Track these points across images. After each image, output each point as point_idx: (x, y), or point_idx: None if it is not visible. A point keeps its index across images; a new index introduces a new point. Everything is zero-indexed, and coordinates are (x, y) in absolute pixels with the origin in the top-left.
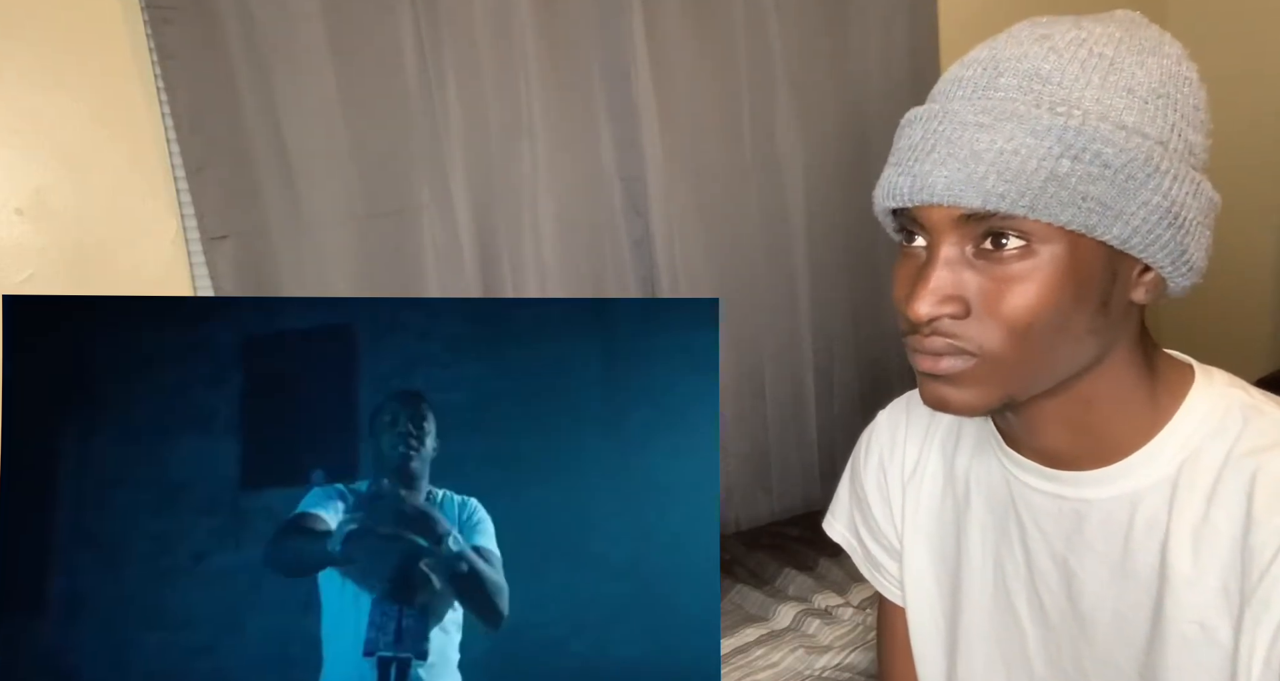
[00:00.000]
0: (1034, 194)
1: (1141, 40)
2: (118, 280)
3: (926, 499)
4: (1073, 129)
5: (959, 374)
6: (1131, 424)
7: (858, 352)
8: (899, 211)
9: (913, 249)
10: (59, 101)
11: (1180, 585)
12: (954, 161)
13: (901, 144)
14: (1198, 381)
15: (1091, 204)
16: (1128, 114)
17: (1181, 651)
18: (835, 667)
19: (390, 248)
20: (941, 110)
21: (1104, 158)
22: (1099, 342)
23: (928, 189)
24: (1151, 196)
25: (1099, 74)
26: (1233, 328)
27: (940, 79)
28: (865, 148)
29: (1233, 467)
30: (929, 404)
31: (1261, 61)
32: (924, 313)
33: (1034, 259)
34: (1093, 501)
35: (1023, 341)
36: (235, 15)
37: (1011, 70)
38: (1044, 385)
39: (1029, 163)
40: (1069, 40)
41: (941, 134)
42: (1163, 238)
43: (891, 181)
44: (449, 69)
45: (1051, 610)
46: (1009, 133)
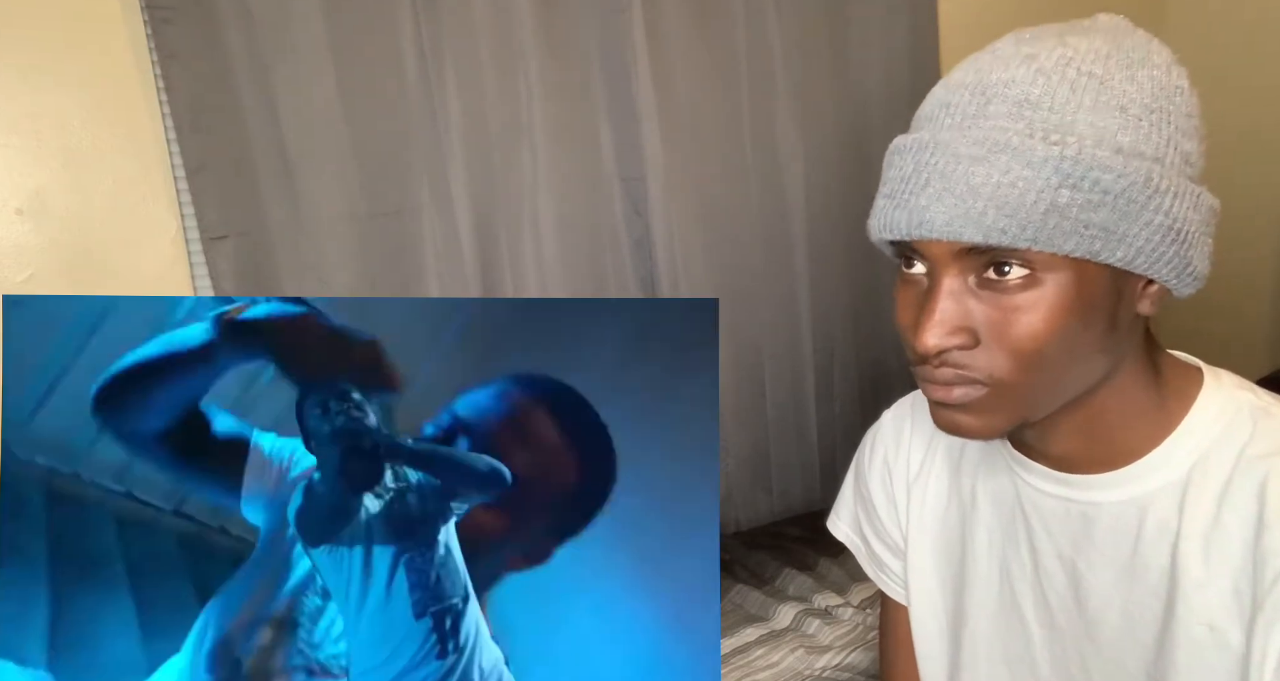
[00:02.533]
0: (1035, 226)
1: (1129, 52)
2: (118, 280)
3: (932, 498)
4: (1069, 159)
5: (971, 402)
6: (1141, 429)
7: (858, 352)
8: (897, 240)
9: (913, 275)
10: (59, 101)
11: (1190, 588)
12: (950, 197)
13: (892, 174)
14: (1206, 384)
15: (1094, 231)
16: (1122, 135)
17: (1191, 654)
18: (835, 667)
19: (390, 248)
20: (932, 140)
21: (1103, 185)
22: (1108, 360)
23: (926, 224)
24: (1154, 217)
25: (1090, 95)
26: (1233, 328)
27: (925, 102)
28: (865, 148)
29: (1243, 471)
30: (943, 429)
31: (1261, 61)
32: (932, 345)
33: (1039, 288)
34: (1101, 504)
35: (1033, 369)
36: (235, 15)
37: (1000, 96)
38: (1055, 405)
39: (1027, 195)
40: (1055, 60)
41: (935, 167)
42: (1167, 254)
43: (887, 214)
44: (449, 69)
45: (1058, 612)
46: (1004, 165)
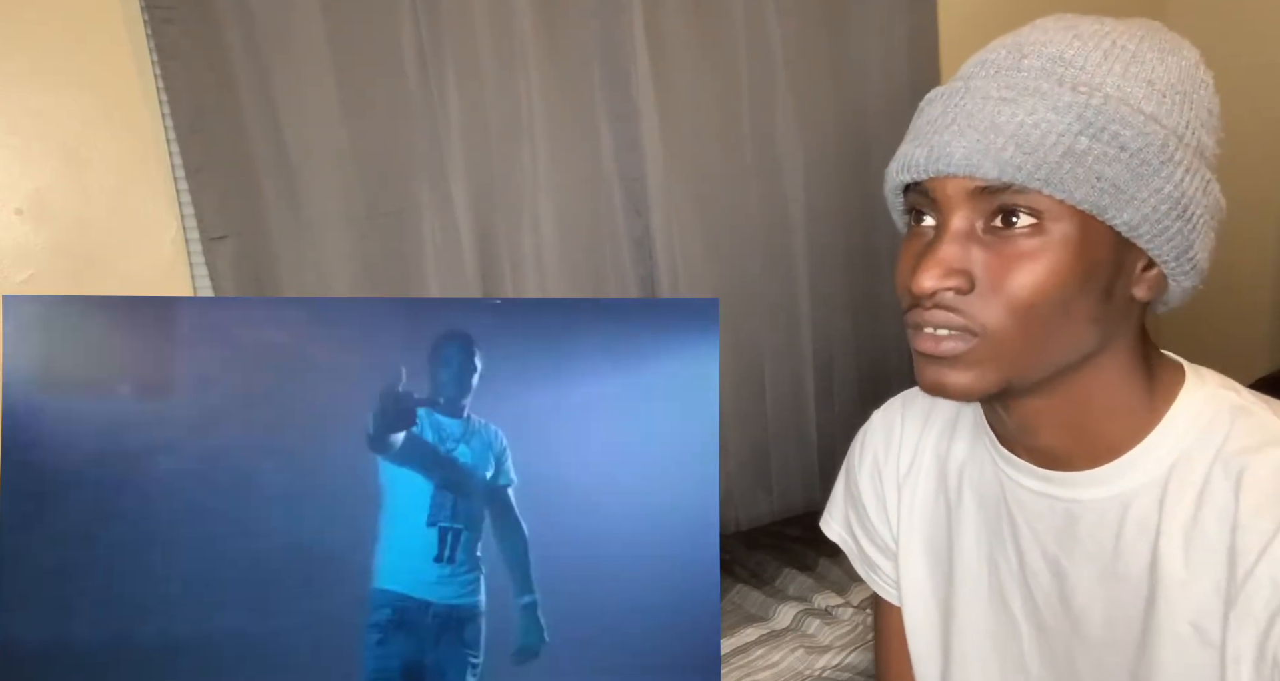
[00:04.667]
0: (1050, 168)
1: (1163, 41)
2: (118, 280)
3: (921, 499)
4: (1093, 108)
5: (960, 355)
6: (1125, 424)
7: (858, 352)
8: (910, 188)
9: (921, 228)
10: (59, 101)
11: (1172, 586)
12: (973, 132)
13: (920, 121)
14: (1188, 382)
15: (1105, 185)
16: (1146, 103)
17: (1174, 652)
18: (835, 667)
19: (390, 248)
20: (964, 87)
21: (1121, 140)
22: (1098, 333)
23: (945, 158)
24: (1163, 185)
25: (1120, 64)
26: (1233, 328)
27: (964, 64)
28: (865, 148)
29: (1221, 469)
30: (926, 388)
31: (1260, 61)
32: (928, 285)
33: (1044, 236)
34: (1085, 502)
35: (1025, 320)
36: (235, 15)
37: (1036, 53)
38: (1041, 372)
39: (1048, 137)
40: (1093, 31)
41: (962, 108)
42: (1170, 229)
43: (908, 154)
44: (449, 69)
45: (1045, 610)
46: (1030, 107)
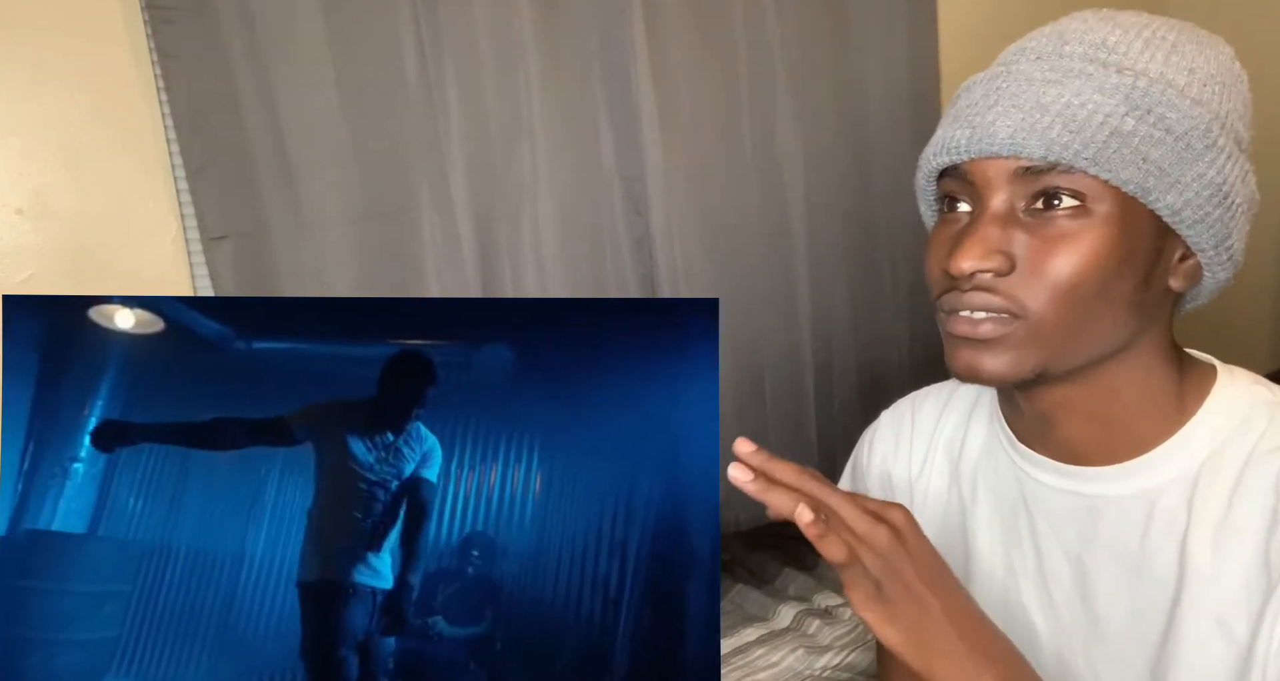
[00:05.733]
0: (1097, 147)
1: (1199, 35)
2: (117, 280)
3: (932, 499)
4: (1140, 89)
5: (998, 338)
6: (1154, 418)
7: (858, 352)
8: (946, 174)
9: (954, 215)
10: (59, 101)
11: (1199, 582)
12: (1018, 112)
13: (959, 104)
14: (1221, 379)
15: (1150, 167)
16: (1190, 89)
17: (1195, 647)
18: (835, 667)
19: (390, 248)
20: (1006, 71)
21: (1167, 122)
22: (1135, 321)
23: (988, 138)
24: (1206, 170)
25: (1162, 52)
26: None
27: (1001, 53)
28: (865, 148)
29: (1256, 465)
30: (959, 372)
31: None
32: (967, 266)
33: (1087, 218)
34: (1109, 498)
35: (1065, 303)
36: (235, 15)
37: (1078, 39)
38: (1077, 359)
39: (1095, 117)
40: (1133, 23)
41: (1006, 89)
42: (1211, 216)
43: (948, 135)
44: (449, 69)
45: (1062, 608)
46: (1076, 88)
